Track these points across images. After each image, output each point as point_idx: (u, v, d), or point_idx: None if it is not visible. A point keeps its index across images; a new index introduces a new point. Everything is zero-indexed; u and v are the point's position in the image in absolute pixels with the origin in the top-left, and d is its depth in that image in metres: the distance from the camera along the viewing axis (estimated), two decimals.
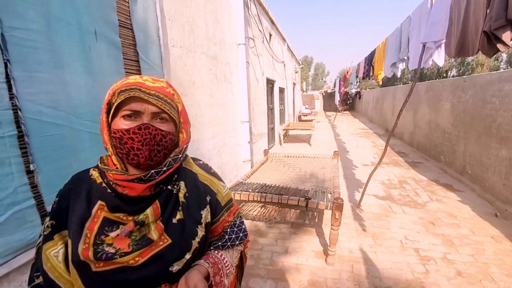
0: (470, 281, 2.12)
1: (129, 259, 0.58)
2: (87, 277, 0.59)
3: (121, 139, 0.57)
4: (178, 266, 0.62)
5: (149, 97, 0.58)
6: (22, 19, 0.93)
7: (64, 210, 0.62)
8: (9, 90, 0.89)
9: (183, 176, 0.70)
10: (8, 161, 0.89)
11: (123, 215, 0.61)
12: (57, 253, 0.62)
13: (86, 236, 0.59)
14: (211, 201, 0.73)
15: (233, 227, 0.79)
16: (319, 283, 2.13)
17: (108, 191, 0.62)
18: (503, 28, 1.75)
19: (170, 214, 0.64)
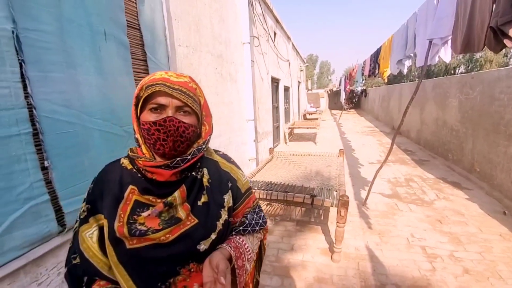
0: (477, 278, 2.10)
1: (160, 236, 0.63)
2: (122, 254, 0.64)
3: (149, 130, 0.63)
4: (205, 245, 0.66)
5: (173, 92, 0.62)
6: (36, 21, 0.96)
7: (98, 195, 0.68)
8: (24, 90, 0.93)
9: (206, 164, 0.75)
10: (24, 157, 0.93)
11: (152, 198, 0.66)
12: (91, 234, 0.66)
13: (120, 216, 0.64)
14: (232, 187, 0.77)
15: (253, 214, 0.83)
16: (324, 279, 2.14)
17: (139, 176, 0.67)
18: (510, 24, 1.73)
19: (195, 197, 0.69)
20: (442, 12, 2.65)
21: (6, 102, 0.87)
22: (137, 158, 0.66)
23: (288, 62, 8.41)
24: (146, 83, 0.63)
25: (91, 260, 0.65)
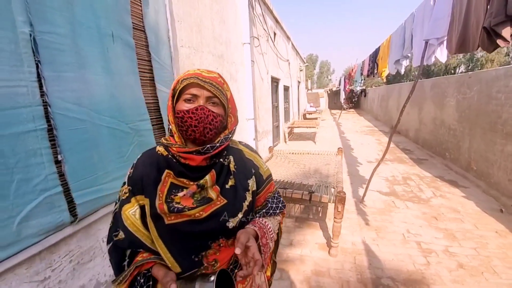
0: (471, 273, 2.16)
1: (195, 212, 0.72)
2: (161, 229, 0.72)
3: (183, 118, 0.71)
4: (233, 223, 0.75)
5: (205, 84, 0.71)
6: (51, 24, 1.03)
7: (138, 179, 0.75)
8: (40, 88, 1.00)
9: (232, 152, 0.84)
10: (39, 151, 1.00)
11: (186, 181, 0.75)
12: (134, 212, 0.75)
13: (159, 196, 0.73)
14: (255, 173, 0.86)
15: (273, 198, 0.92)
16: (322, 272, 2.21)
17: (174, 161, 0.75)
18: (503, 24, 1.79)
19: (224, 180, 0.78)
20: (438, 13, 2.71)
21: (24, 100, 0.94)
22: (171, 146, 0.73)
23: (288, 62, 8.47)
24: (181, 77, 0.72)
25: (136, 234, 0.74)
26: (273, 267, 1.02)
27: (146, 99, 1.59)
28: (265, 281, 0.96)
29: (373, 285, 2.05)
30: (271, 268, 1.01)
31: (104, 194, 1.29)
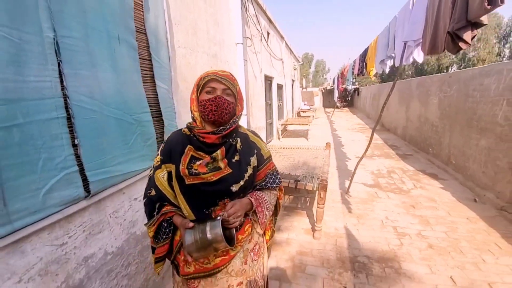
0: (439, 252, 2.42)
1: (207, 176, 0.95)
2: (183, 187, 0.97)
3: (205, 105, 0.94)
4: (235, 187, 0.98)
5: (221, 79, 0.94)
6: (69, 29, 1.22)
7: (167, 151, 1.01)
8: (61, 83, 1.19)
9: (239, 135, 1.06)
10: (60, 136, 1.19)
11: (202, 154, 0.98)
12: (163, 175, 1.00)
13: (182, 163, 0.96)
14: (257, 153, 1.08)
15: (272, 175, 1.14)
16: (305, 253, 2.45)
17: (194, 139, 0.99)
18: (464, 29, 2.01)
19: (231, 156, 1.00)
20: (415, 17, 2.95)
21: (49, 93, 1.13)
22: (193, 128, 0.98)
23: (282, 61, 8.68)
24: (203, 76, 0.96)
25: (163, 191, 1.00)
26: (272, 234, 1.28)
27: (146, 94, 1.79)
28: (263, 241, 1.20)
29: (351, 262, 2.29)
30: (270, 234, 1.27)
31: (111, 175, 1.49)
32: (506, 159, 3.12)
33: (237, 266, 1.05)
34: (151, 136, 1.80)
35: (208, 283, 1.03)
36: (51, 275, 1.22)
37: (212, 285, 1.03)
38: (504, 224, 2.84)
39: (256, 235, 1.14)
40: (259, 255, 1.14)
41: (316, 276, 2.13)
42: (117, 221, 1.61)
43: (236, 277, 1.05)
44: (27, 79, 1.07)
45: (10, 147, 1.00)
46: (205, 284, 1.03)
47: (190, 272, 1.02)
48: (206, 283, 1.03)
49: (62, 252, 1.26)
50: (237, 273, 1.05)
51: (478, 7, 1.75)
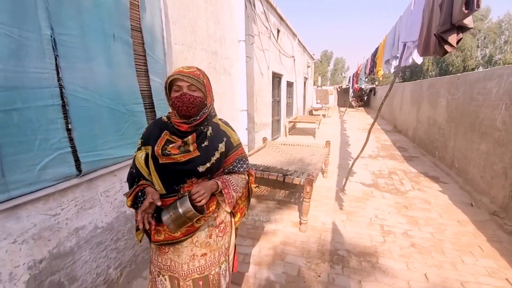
0: (420, 251, 2.45)
1: (178, 157, 1.09)
2: (157, 166, 1.12)
3: (173, 102, 1.07)
4: (202, 169, 1.11)
5: (184, 77, 1.05)
6: (66, 28, 1.40)
7: (147, 135, 1.18)
8: (57, 75, 1.38)
9: (211, 124, 1.20)
10: (56, 120, 1.38)
11: (176, 138, 1.12)
12: (142, 156, 1.17)
13: (158, 145, 1.11)
14: (226, 141, 1.22)
15: (239, 161, 1.27)
16: (289, 243, 2.56)
17: (171, 125, 1.14)
18: (450, 32, 2.04)
19: (201, 141, 1.14)
20: (414, 18, 2.95)
21: (46, 83, 1.32)
22: (171, 117, 1.14)
23: (293, 58, 8.70)
24: (169, 75, 1.08)
25: (140, 169, 1.17)
26: (242, 217, 1.42)
27: (140, 87, 1.96)
28: (231, 221, 1.35)
29: (330, 254, 2.38)
30: (239, 217, 1.41)
31: (102, 158, 1.67)
32: (501, 164, 3.07)
33: (201, 238, 1.20)
34: (143, 125, 1.98)
35: (175, 249, 1.19)
36: (44, 240, 1.42)
37: (178, 251, 1.19)
38: (493, 228, 2.81)
39: (224, 214, 1.29)
40: (224, 233, 1.28)
41: (294, 264, 2.25)
42: (108, 199, 1.80)
43: (200, 248, 1.20)
44: (27, 70, 1.25)
45: (9, 127, 1.19)
46: (173, 250, 1.19)
47: (160, 240, 1.18)
48: (174, 249, 1.19)
49: (55, 221, 1.46)
50: (201, 244, 1.20)
51: (458, 11, 1.78)
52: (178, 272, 1.19)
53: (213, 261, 1.23)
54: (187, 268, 1.19)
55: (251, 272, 2.16)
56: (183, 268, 1.19)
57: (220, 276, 1.26)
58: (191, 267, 1.19)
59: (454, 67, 30.72)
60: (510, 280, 2.06)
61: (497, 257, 2.35)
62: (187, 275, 1.19)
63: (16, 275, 1.30)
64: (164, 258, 1.21)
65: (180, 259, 1.19)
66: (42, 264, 1.41)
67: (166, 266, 1.21)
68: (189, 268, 1.19)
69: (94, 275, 1.72)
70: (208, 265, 1.22)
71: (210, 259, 1.23)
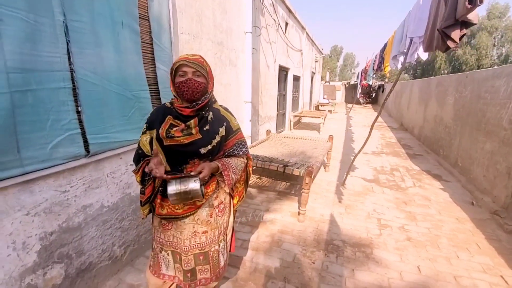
0: (415, 245, 2.50)
1: (181, 139, 1.17)
2: (162, 147, 1.19)
3: (179, 86, 1.14)
4: (203, 150, 1.19)
5: (190, 63, 1.12)
6: (77, 14, 1.46)
7: (151, 120, 1.25)
8: (69, 60, 1.45)
9: (212, 109, 1.27)
10: (67, 103, 1.46)
11: (179, 122, 1.19)
12: (146, 139, 1.24)
13: (162, 128, 1.18)
14: (226, 125, 1.29)
15: (239, 144, 1.34)
16: (286, 232, 2.64)
17: (174, 111, 1.21)
18: (453, 27, 2.03)
19: (203, 125, 1.21)
20: (422, 14, 2.93)
21: (58, 66, 1.40)
22: (174, 103, 1.21)
23: (301, 52, 8.65)
24: (175, 61, 1.15)
25: (144, 150, 1.24)
26: (240, 200, 1.49)
27: (147, 74, 2.03)
28: (230, 202, 1.43)
29: (326, 244, 2.45)
30: (238, 199, 1.48)
31: (109, 141, 1.76)
32: (505, 164, 3.06)
33: (203, 216, 1.29)
34: (148, 111, 2.05)
35: (178, 226, 1.27)
36: (54, 214, 1.52)
37: (181, 228, 1.27)
38: (492, 227, 2.83)
39: (223, 195, 1.36)
40: (223, 213, 1.37)
41: (290, 251, 2.32)
42: (114, 181, 1.90)
43: (201, 225, 1.29)
44: (40, 54, 1.33)
45: (25, 107, 1.28)
46: (176, 226, 1.27)
47: (162, 213, 1.26)
48: (177, 225, 1.27)
49: (65, 198, 1.56)
50: (202, 222, 1.29)
51: (461, 6, 1.78)
52: (180, 248, 1.28)
53: (213, 239, 1.32)
54: (188, 243, 1.27)
55: (248, 256, 2.24)
56: (185, 243, 1.27)
57: (219, 253, 1.34)
58: (192, 243, 1.27)
59: (467, 66, 29.96)
60: (505, 277, 2.09)
61: (494, 255, 2.38)
62: (188, 250, 1.27)
63: (29, 245, 1.41)
64: (167, 234, 1.29)
65: (183, 235, 1.27)
66: (52, 236, 1.51)
67: (169, 242, 1.29)
68: (191, 244, 1.27)
69: (100, 250, 1.83)
70: (209, 242, 1.30)
71: (211, 236, 1.31)
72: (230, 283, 1.93)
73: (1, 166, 1.23)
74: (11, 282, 1.35)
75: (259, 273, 2.04)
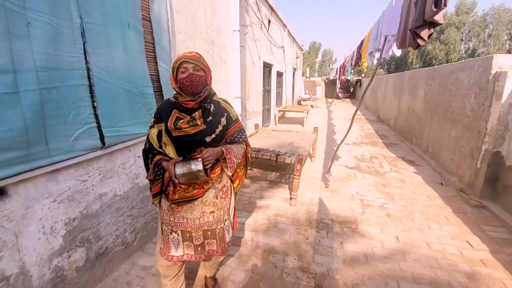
0: (393, 219, 2.84)
1: (188, 130, 1.28)
2: (171, 138, 1.30)
3: (182, 82, 1.23)
4: (208, 139, 1.32)
5: (190, 60, 1.23)
6: (92, 17, 1.59)
7: (159, 114, 1.34)
8: (85, 59, 1.58)
9: (213, 102, 1.38)
10: (84, 98, 1.59)
11: (185, 115, 1.29)
12: (154, 132, 1.34)
13: (170, 121, 1.29)
14: (227, 115, 1.42)
15: (239, 132, 1.49)
16: (280, 215, 2.89)
17: (179, 105, 1.30)
18: (422, 27, 2.34)
19: (206, 116, 1.32)
20: (394, 14, 3.25)
21: (76, 65, 1.52)
22: (178, 97, 1.30)
23: (283, 49, 8.91)
24: (176, 60, 1.25)
25: (153, 143, 1.34)
26: (240, 183, 1.63)
27: (150, 72, 2.17)
28: (231, 186, 1.57)
29: (317, 223, 2.73)
30: (238, 183, 1.62)
31: (120, 134, 1.90)
32: (468, 147, 3.49)
33: (210, 198, 1.43)
34: (152, 106, 2.20)
35: (188, 207, 1.40)
36: (76, 201, 1.65)
37: (191, 209, 1.40)
38: (458, 202, 3.24)
39: (226, 178, 1.51)
40: (226, 195, 1.51)
41: (285, 230, 2.58)
42: (124, 171, 2.04)
43: (209, 206, 1.43)
44: (62, 54, 1.46)
45: (51, 102, 1.41)
46: (186, 209, 1.40)
47: (175, 198, 1.37)
48: (187, 207, 1.40)
49: (84, 187, 1.70)
50: (209, 203, 1.43)
51: (429, 8, 2.08)
52: (190, 226, 1.41)
53: (219, 218, 1.46)
54: (198, 222, 1.41)
55: (248, 237, 2.47)
56: (195, 222, 1.41)
57: (224, 230, 1.50)
58: (201, 222, 1.42)
59: (437, 60, 31.82)
60: (470, 242, 2.45)
61: (460, 224, 2.76)
62: (198, 227, 1.42)
63: (56, 229, 1.54)
64: (177, 216, 1.41)
65: (193, 215, 1.40)
66: (75, 222, 1.65)
67: (179, 223, 1.41)
68: (200, 223, 1.42)
69: (114, 236, 1.97)
70: (216, 221, 1.45)
71: (217, 215, 1.45)
72: (235, 259, 2.15)
73: (33, 157, 1.36)
74: (41, 264, 1.49)
75: (260, 250, 2.28)
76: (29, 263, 1.43)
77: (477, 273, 2.03)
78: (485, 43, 31.49)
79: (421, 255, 2.23)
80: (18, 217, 1.36)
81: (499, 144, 3.00)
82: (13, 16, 1.24)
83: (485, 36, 31.05)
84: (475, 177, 3.32)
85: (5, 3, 1.21)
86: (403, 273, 2.02)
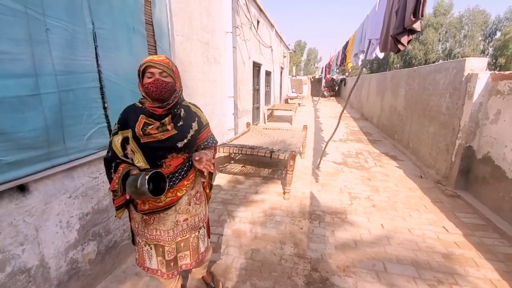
0: (379, 210, 3.09)
1: (158, 135, 1.19)
2: (139, 145, 1.20)
3: (147, 87, 1.14)
4: (180, 144, 1.23)
5: (156, 64, 1.12)
6: (102, 22, 1.68)
7: (124, 120, 1.23)
8: (97, 62, 1.68)
9: (183, 107, 1.31)
10: (96, 100, 1.68)
11: (153, 120, 1.19)
12: (118, 140, 1.23)
13: (137, 127, 1.18)
14: (197, 120, 1.35)
15: (211, 137, 1.45)
16: (275, 208, 3.07)
17: (146, 110, 1.20)
18: (402, 34, 2.57)
19: (176, 121, 1.24)
20: (378, 19, 3.49)
21: (89, 68, 1.61)
22: (144, 103, 1.20)
23: (271, 49, 9.09)
24: (142, 63, 1.16)
25: (116, 151, 1.23)
26: (210, 187, 1.60)
27: None
28: (203, 192, 1.52)
29: (309, 214, 2.93)
30: (209, 188, 1.59)
31: None
32: (444, 142, 3.82)
33: (183, 205, 1.36)
34: None
35: (160, 218, 1.32)
36: (88, 197, 1.75)
37: (164, 220, 1.33)
38: (436, 193, 3.55)
39: (198, 185, 1.47)
40: (200, 201, 1.46)
41: (281, 222, 2.76)
42: None
43: (182, 214, 1.36)
44: (77, 58, 1.55)
45: (68, 104, 1.51)
46: (159, 219, 1.32)
47: (145, 209, 1.29)
48: (159, 218, 1.32)
49: (96, 183, 1.80)
50: (183, 211, 1.36)
51: (408, 18, 2.31)
52: (163, 239, 1.34)
53: (194, 225, 1.41)
54: (172, 233, 1.34)
55: (247, 229, 2.63)
56: (168, 234, 1.34)
57: (199, 239, 1.45)
58: (175, 232, 1.35)
59: (416, 60, 33.14)
60: (446, 227, 2.72)
61: (437, 212, 3.04)
62: (172, 240, 1.35)
63: (71, 224, 1.64)
64: (149, 228, 1.33)
65: (166, 226, 1.33)
66: (87, 217, 1.75)
67: (152, 236, 1.34)
68: (174, 233, 1.35)
69: (122, 230, 2.08)
70: (189, 229, 1.39)
71: (191, 223, 1.40)
72: (236, 249, 2.31)
73: (53, 155, 1.46)
74: (59, 256, 1.58)
75: (259, 240, 2.44)
76: (48, 256, 1.52)
77: (452, 254, 2.29)
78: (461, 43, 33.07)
79: (403, 240, 2.48)
80: (38, 212, 1.45)
81: (471, 139, 3.32)
82: (34, 22, 1.33)
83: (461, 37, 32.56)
84: (450, 169, 3.64)
85: (27, 10, 1.29)
86: (388, 255, 2.26)
